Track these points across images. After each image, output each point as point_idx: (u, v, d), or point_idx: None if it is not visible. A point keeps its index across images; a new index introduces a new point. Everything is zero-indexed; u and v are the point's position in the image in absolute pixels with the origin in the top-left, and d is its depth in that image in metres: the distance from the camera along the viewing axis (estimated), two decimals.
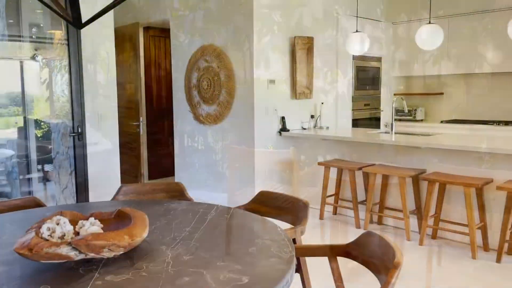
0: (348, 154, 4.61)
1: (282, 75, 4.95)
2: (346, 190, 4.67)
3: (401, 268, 3.27)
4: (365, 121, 6.15)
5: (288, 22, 4.95)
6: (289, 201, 2.43)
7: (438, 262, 3.39)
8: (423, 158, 4.02)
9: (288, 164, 5.11)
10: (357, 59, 5.87)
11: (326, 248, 1.93)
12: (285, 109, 5.01)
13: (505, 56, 5.37)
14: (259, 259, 1.55)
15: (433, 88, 6.41)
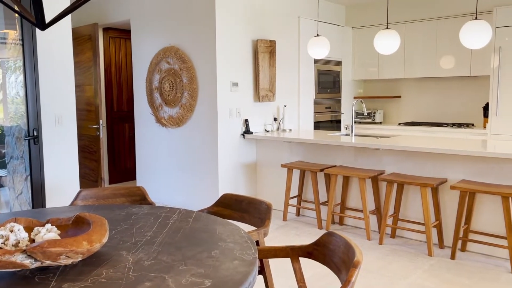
0: (311, 156, 4.69)
1: (245, 78, 4.97)
2: (309, 192, 4.74)
3: (361, 267, 3.36)
4: (327, 124, 6.27)
5: (250, 25, 4.98)
6: (252, 204, 2.44)
7: (396, 260, 3.49)
8: (382, 159, 4.15)
9: (252, 167, 5.13)
10: (318, 62, 5.98)
11: (288, 249, 1.95)
12: (248, 111, 5.03)
13: (458, 61, 5.62)
14: (222, 262, 1.55)
15: (391, 91, 6.62)
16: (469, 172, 3.65)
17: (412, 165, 3.96)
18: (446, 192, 3.79)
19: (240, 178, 5.00)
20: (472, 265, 3.37)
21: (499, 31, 5.05)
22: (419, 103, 6.35)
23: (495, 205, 3.53)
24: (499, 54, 5.07)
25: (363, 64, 6.52)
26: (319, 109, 6.10)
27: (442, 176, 3.79)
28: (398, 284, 3.05)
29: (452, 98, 6.04)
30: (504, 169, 3.47)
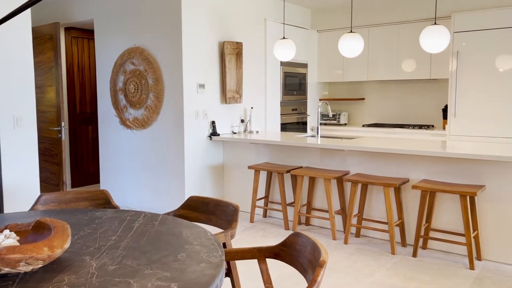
0: (277, 157, 4.72)
1: (212, 79, 4.95)
2: (276, 193, 4.78)
3: (326, 267, 3.41)
4: (293, 125, 6.33)
5: (217, 26, 4.97)
6: (219, 206, 2.44)
7: (361, 259, 3.57)
8: (347, 160, 4.23)
9: (219, 168, 5.12)
10: (284, 65, 6.04)
11: (254, 250, 1.96)
12: (215, 113, 5.02)
13: (419, 64, 5.81)
14: (188, 265, 1.54)
15: (356, 93, 6.76)
16: (429, 172, 3.77)
17: (375, 165, 4.06)
18: (408, 192, 3.90)
19: (207, 180, 4.98)
20: (432, 262, 3.48)
21: (457, 36, 5.26)
22: (382, 105, 6.52)
23: (454, 203, 3.66)
24: (457, 58, 5.27)
25: (328, 67, 6.63)
26: (286, 111, 6.16)
27: (404, 176, 3.91)
28: (363, 282, 3.12)
29: (413, 100, 6.24)
30: (463, 169, 3.61)
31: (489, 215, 3.51)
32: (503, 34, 4.96)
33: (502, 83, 5.01)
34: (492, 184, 3.48)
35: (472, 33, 5.15)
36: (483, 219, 3.54)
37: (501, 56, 5.00)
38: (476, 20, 5.11)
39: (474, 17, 5.13)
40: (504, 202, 3.43)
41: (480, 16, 5.09)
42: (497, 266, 3.39)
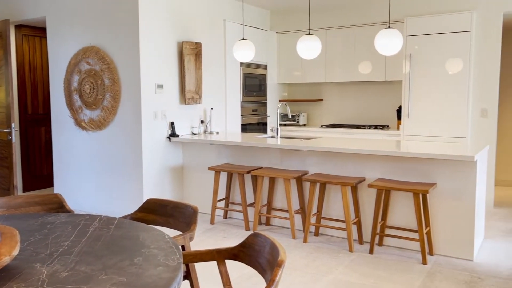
0: (238, 158, 4.72)
1: (171, 79, 4.89)
2: (236, 194, 4.78)
3: (286, 266, 3.44)
4: (254, 126, 6.35)
5: (175, 27, 4.91)
6: (177, 208, 2.41)
7: (320, 257, 3.63)
8: (306, 160, 4.29)
9: (178, 170, 5.06)
10: (244, 66, 6.05)
11: (213, 252, 1.95)
12: (174, 114, 4.95)
13: (374, 66, 5.98)
14: (145, 269, 1.51)
15: (314, 94, 6.88)
16: (385, 170, 3.89)
17: (334, 165, 4.14)
18: (364, 190, 4.01)
19: (166, 182, 4.91)
20: (388, 258, 3.60)
21: (410, 39, 5.46)
22: (340, 106, 6.66)
23: (408, 201, 3.80)
24: (409, 60, 5.47)
25: (288, 68, 6.70)
26: (246, 112, 6.17)
27: (361, 175, 4.01)
28: (322, 280, 3.17)
29: (369, 101, 6.41)
30: (415, 167, 3.75)
31: (440, 212, 3.66)
32: (452, 38, 5.20)
33: (451, 86, 5.25)
34: (443, 181, 3.63)
35: (424, 37, 5.36)
36: (435, 215, 3.69)
37: (450, 59, 5.23)
38: (428, 25, 5.33)
39: (425, 21, 5.34)
40: (454, 199, 3.59)
41: (431, 21, 5.31)
42: (448, 260, 3.54)
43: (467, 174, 3.53)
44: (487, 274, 3.25)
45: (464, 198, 3.55)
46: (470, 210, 3.54)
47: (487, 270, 3.34)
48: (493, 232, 4.25)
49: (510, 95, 6.33)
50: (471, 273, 3.29)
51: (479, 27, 5.16)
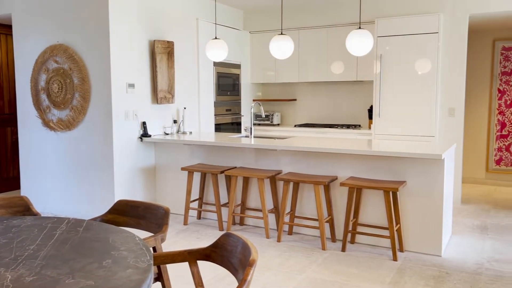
0: (211, 158, 4.70)
1: (143, 79, 4.82)
2: (210, 194, 4.75)
3: (259, 265, 3.45)
4: (227, 126, 6.34)
5: (147, 25, 4.84)
6: (148, 209, 2.37)
7: (293, 255, 3.65)
8: (280, 160, 4.31)
9: (151, 171, 4.99)
10: (217, 65, 6.02)
11: (185, 253, 1.93)
12: (146, 114, 4.89)
13: (346, 67, 6.06)
14: (114, 272, 1.48)
15: (288, 94, 6.91)
16: (356, 169, 3.95)
17: (307, 164, 4.18)
18: (336, 189, 4.06)
19: (138, 183, 4.83)
20: (360, 256, 3.65)
21: (380, 40, 5.56)
22: (313, 106, 6.72)
23: (379, 199, 3.87)
24: (380, 61, 5.57)
25: (261, 68, 6.71)
26: (220, 111, 6.15)
27: (333, 174, 4.06)
28: (295, 278, 3.19)
29: (342, 101, 6.50)
30: (386, 166, 3.82)
31: (410, 209, 3.74)
32: (421, 39, 5.32)
33: (420, 86, 5.37)
34: (412, 179, 3.71)
35: (394, 37, 5.47)
36: (405, 213, 3.77)
37: (419, 60, 5.35)
38: (397, 26, 5.44)
39: (395, 22, 5.45)
40: (423, 196, 3.68)
41: (400, 22, 5.42)
42: (417, 256, 3.62)
43: (435, 172, 3.62)
44: (454, 269, 3.35)
45: (432, 195, 3.64)
46: (438, 207, 3.63)
47: (454, 265, 3.43)
48: (460, 228, 4.37)
49: (475, 95, 6.53)
50: (439, 268, 3.37)
51: (446, 28, 5.30)
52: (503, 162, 6.42)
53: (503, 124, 6.38)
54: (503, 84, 6.34)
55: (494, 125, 6.44)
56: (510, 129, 6.33)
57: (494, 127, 6.45)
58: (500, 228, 4.36)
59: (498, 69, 6.35)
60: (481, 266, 3.40)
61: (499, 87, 6.36)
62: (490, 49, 6.39)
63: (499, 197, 5.75)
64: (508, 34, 6.27)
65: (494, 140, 6.46)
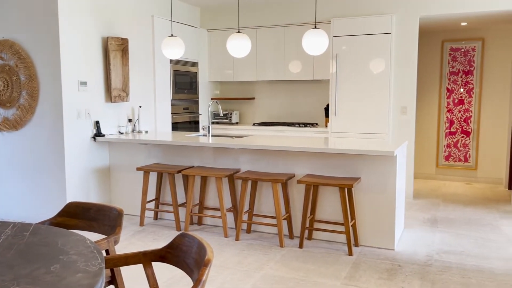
0: (168, 158, 4.62)
1: (95, 76, 4.67)
2: (167, 194, 4.68)
3: (217, 264, 3.43)
4: (185, 125, 6.26)
5: (100, 21, 4.70)
6: (101, 211, 2.30)
7: (252, 254, 3.66)
8: (239, 158, 4.30)
9: (105, 171, 4.85)
10: (174, 63, 5.93)
11: (139, 255, 1.89)
12: (99, 113, 4.74)
13: (304, 66, 6.14)
14: (62, 277, 1.42)
15: (246, 93, 6.92)
16: (313, 167, 4.01)
17: (266, 162, 4.19)
18: (294, 186, 4.10)
19: (92, 185, 4.68)
20: (317, 252, 3.71)
21: (336, 40, 5.67)
22: (271, 104, 6.76)
23: (335, 195, 3.94)
24: (336, 60, 5.68)
25: (219, 66, 6.68)
26: (177, 110, 6.07)
27: (291, 172, 4.10)
28: (253, 276, 3.20)
29: (299, 99, 6.58)
30: (342, 163, 3.90)
31: (364, 205, 3.84)
32: (375, 39, 5.47)
33: (375, 85, 5.53)
34: (367, 176, 3.81)
35: (349, 37, 5.59)
36: (360, 208, 3.87)
37: (374, 60, 5.50)
38: (352, 26, 5.56)
39: (350, 23, 5.57)
40: (377, 192, 3.79)
41: (355, 23, 5.55)
42: (371, 251, 3.73)
43: (388, 168, 3.73)
44: (406, 262, 3.47)
45: (385, 191, 3.76)
46: (391, 202, 3.75)
47: (406, 257, 3.56)
48: (412, 222, 4.54)
49: (426, 94, 6.80)
50: (392, 261, 3.48)
51: (398, 29, 5.48)
52: (451, 158, 6.72)
53: (451, 121, 6.68)
54: (451, 83, 6.63)
55: (444, 123, 6.73)
56: (458, 126, 6.64)
57: (443, 124, 6.74)
58: (448, 221, 4.57)
59: (446, 69, 6.65)
60: (431, 258, 3.54)
61: (448, 86, 6.65)
62: (439, 50, 6.67)
63: (448, 191, 6.02)
64: (456, 36, 6.57)
65: (444, 137, 6.75)
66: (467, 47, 6.50)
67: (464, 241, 3.94)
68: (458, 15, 5.31)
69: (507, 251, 3.70)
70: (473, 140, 6.58)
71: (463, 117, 6.61)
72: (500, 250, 3.71)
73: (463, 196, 5.72)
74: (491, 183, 6.51)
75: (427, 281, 3.10)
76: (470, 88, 6.54)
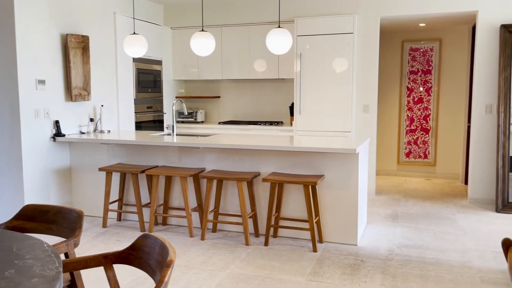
0: (132, 157, 4.54)
1: (54, 75, 4.52)
2: (131, 195, 4.60)
3: (180, 265, 3.40)
4: (149, 124, 6.17)
5: (59, 17, 4.55)
6: (60, 213, 2.24)
7: (217, 253, 3.65)
8: (205, 157, 4.28)
9: (66, 172, 4.71)
10: (137, 61, 5.83)
11: (100, 257, 1.85)
12: (59, 112, 4.60)
13: (269, 65, 6.17)
14: (17, 282, 1.38)
15: (211, 91, 6.89)
16: (279, 165, 4.04)
17: (231, 161, 4.19)
18: (259, 185, 4.12)
19: (52, 186, 4.54)
20: (282, 249, 3.75)
21: (300, 39, 5.73)
22: (237, 103, 6.76)
23: (299, 193, 3.99)
24: (300, 59, 5.75)
25: (184, 65, 6.62)
26: (141, 109, 5.97)
27: (256, 170, 4.12)
28: (218, 275, 3.20)
29: (265, 98, 6.61)
30: (306, 161, 3.95)
31: (328, 201, 3.91)
32: (338, 39, 5.57)
33: (338, 84, 5.63)
34: (330, 173, 3.88)
35: (313, 37, 5.67)
36: (323, 205, 3.93)
37: (337, 59, 5.60)
38: (316, 26, 5.64)
39: (314, 22, 5.65)
40: (340, 189, 3.86)
41: (319, 22, 5.63)
42: (335, 247, 3.80)
43: (350, 166, 3.81)
44: (369, 256, 3.56)
45: (348, 187, 3.84)
46: (354, 198, 3.83)
47: (368, 252, 3.65)
48: (374, 218, 4.66)
49: (387, 93, 6.98)
50: (355, 256, 3.57)
51: (360, 29, 5.60)
52: (412, 154, 6.94)
53: (411, 119, 6.89)
54: (411, 82, 6.84)
55: (404, 121, 6.94)
56: (418, 124, 6.86)
57: (404, 122, 6.94)
58: (409, 216, 4.71)
59: (406, 69, 6.85)
60: (392, 252, 3.65)
61: (408, 85, 6.86)
62: (399, 50, 6.87)
63: (408, 187, 6.21)
64: (415, 36, 6.78)
65: (404, 135, 6.96)
66: (425, 47, 6.72)
67: (424, 235, 4.08)
68: (416, 16, 5.48)
69: (463, 244, 3.86)
70: (432, 137, 6.82)
71: (422, 115, 6.83)
72: (456, 243, 3.87)
73: (423, 192, 5.91)
74: (449, 179, 6.77)
75: (388, 275, 3.19)
76: (429, 87, 6.77)
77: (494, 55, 5.10)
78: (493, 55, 5.11)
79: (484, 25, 5.11)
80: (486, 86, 5.16)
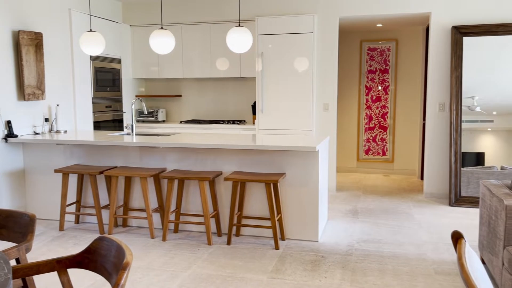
0: (90, 158, 4.42)
1: (6, 73, 4.33)
2: (89, 196, 4.47)
3: (130, 268, 3.35)
4: (108, 123, 6.02)
5: (10, 13, 4.36)
6: (11, 217, 2.15)
7: (179, 253, 3.61)
8: (166, 157, 4.22)
9: (19, 175, 4.52)
10: (95, 59, 5.68)
11: (53, 262, 1.79)
12: (11, 112, 4.41)
13: (231, 63, 6.16)
14: None
15: (173, 90, 6.80)
16: (240, 164, 4.04)
17: (194, 161, 4.16)
18: (221, 184, 4.11)
19: (3, 189, 4.35)
20: (244, 247, 3.75)
21: (261, 38, 5.75)
22: (199, 102, 6.71)
23: (261, 191, 4.01)
24: (261, 58, 5.77)
25: (144, 63, 6.50)
26: (99, 108, 5.81)
27: (218, 169, 4.10)
28: (180, 276, 3.16)
29: (227, 97, 6.59)
30: (268, 159, 3.98)
31: (290, 199, 3.95)
32: (298, 38, 5.63)
33: (299, 83, 5.69)
34: (291, 171, 3.92)
35: (274, 36, 5.70)
36: (285, 203, 3.97)
37: (298, 58, 5.66)
38: (277, 25, 5.68)
39: (275, 22, 5.68)
40: (301, 186, 3.91)
41: (279, 22, 5.67)
42: (297, 243, 3.85)
43: (311, 163, 3.87)
44: (330, 252, 3.62)
45: (309, 185, 3.89)
46: (315, 195, 3.89)
47: (329, 248, 3.72)
48: (335, 214, 4.75)
49: (346, 91, 7.13)
50: (316, 253, 3.62)
51: (319, 29, 5.68)
52: (371, 152, 7.12)
53: (370, 117, 7.07)
54: (369, 81, 7.02)
55: (363, 119, 7.11)
56: (376, 122, 7.05)
57: (363, 120, 7.11)
58: (368, 211, 4.84)
59: (365, 68, 7.02)
60: (351, 247, 3.73)
61: (366, 84, 7.03)
62: (358, 49, 7.03)
63: (368, 183, 6.38)
64: (373, 36, 6.96)
65: (363, 132, 7.13)
66: (383, 47, 6.91)
67: (382, 230, 4.20)
68: (373, 16, 5.62)
69: (419, 237, 4.00)
70: (389, 134, 7.02)
71: (380, 113, 7.02)
72: (413, 237, 4.00)
73: (382, 187, 6.08)
74: (406, 175, 6.99)
75: (348, 270, 3.27)
76: (386, 86, 6.96)
77: (446, 55, 5.32)
78: (445, 55, 5.32)
79: (436, 26, 5.32)
80: (439, 85, 5.37)
